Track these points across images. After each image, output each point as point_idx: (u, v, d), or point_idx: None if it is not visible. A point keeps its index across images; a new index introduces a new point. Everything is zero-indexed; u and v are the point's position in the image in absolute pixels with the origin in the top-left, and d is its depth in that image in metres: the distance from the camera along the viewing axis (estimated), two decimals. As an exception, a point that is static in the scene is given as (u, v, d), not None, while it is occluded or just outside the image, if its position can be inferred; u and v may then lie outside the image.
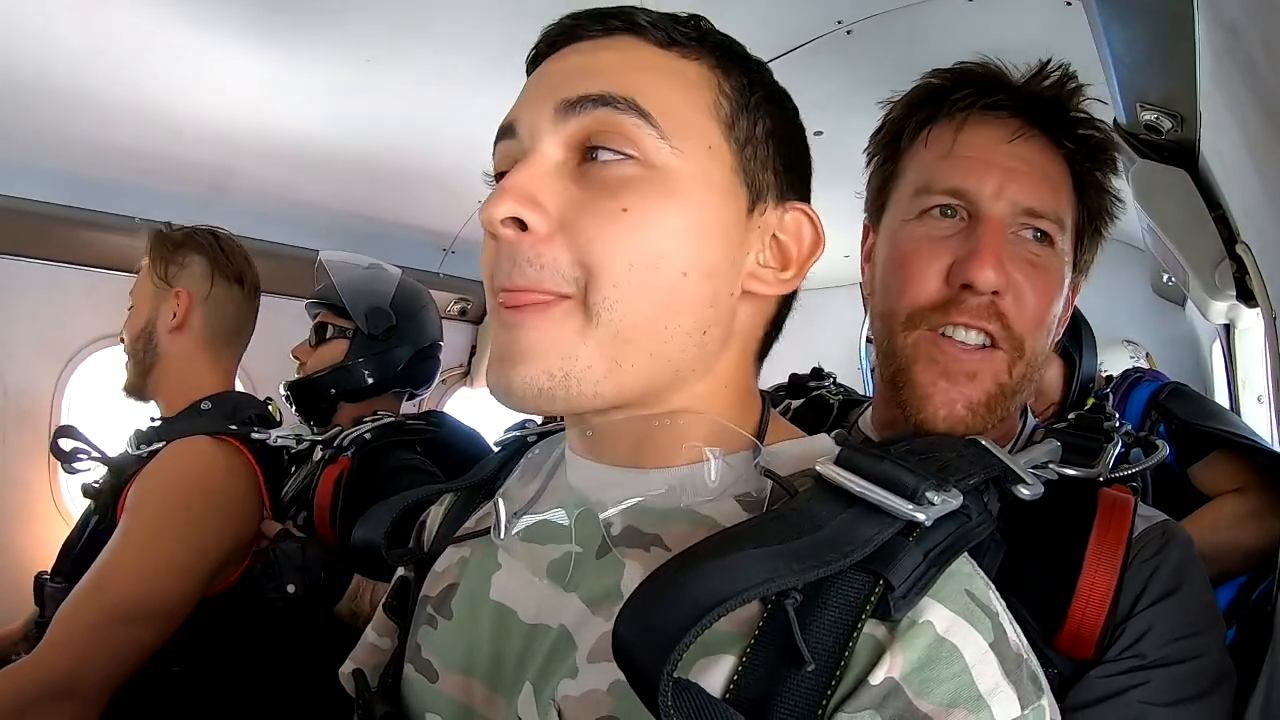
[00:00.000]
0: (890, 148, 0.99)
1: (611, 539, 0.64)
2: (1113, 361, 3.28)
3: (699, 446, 0.63)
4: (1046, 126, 0.89)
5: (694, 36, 0.64)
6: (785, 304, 0.71)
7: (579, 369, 0.58)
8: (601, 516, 0.65)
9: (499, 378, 0.60)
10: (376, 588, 1.54)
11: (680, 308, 0.60)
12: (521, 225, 0.58)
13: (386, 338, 2.03)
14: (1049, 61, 0.91)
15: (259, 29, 1.66)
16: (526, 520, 0.69)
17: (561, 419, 0.81)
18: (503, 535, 0.68)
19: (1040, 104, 0.89)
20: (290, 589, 1.50)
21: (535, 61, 0.67)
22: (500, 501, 0.70)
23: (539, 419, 0.94)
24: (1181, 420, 1.74)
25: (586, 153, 0.60)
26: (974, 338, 0.87)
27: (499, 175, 0.65)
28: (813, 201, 0.70)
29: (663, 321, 0.59)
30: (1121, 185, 0.97)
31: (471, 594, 0.73)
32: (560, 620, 0.63)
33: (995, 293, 0.85)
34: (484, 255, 0.63)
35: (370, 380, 2.02)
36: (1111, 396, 1.97)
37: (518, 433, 0.90)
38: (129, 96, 1.88)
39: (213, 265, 1.73)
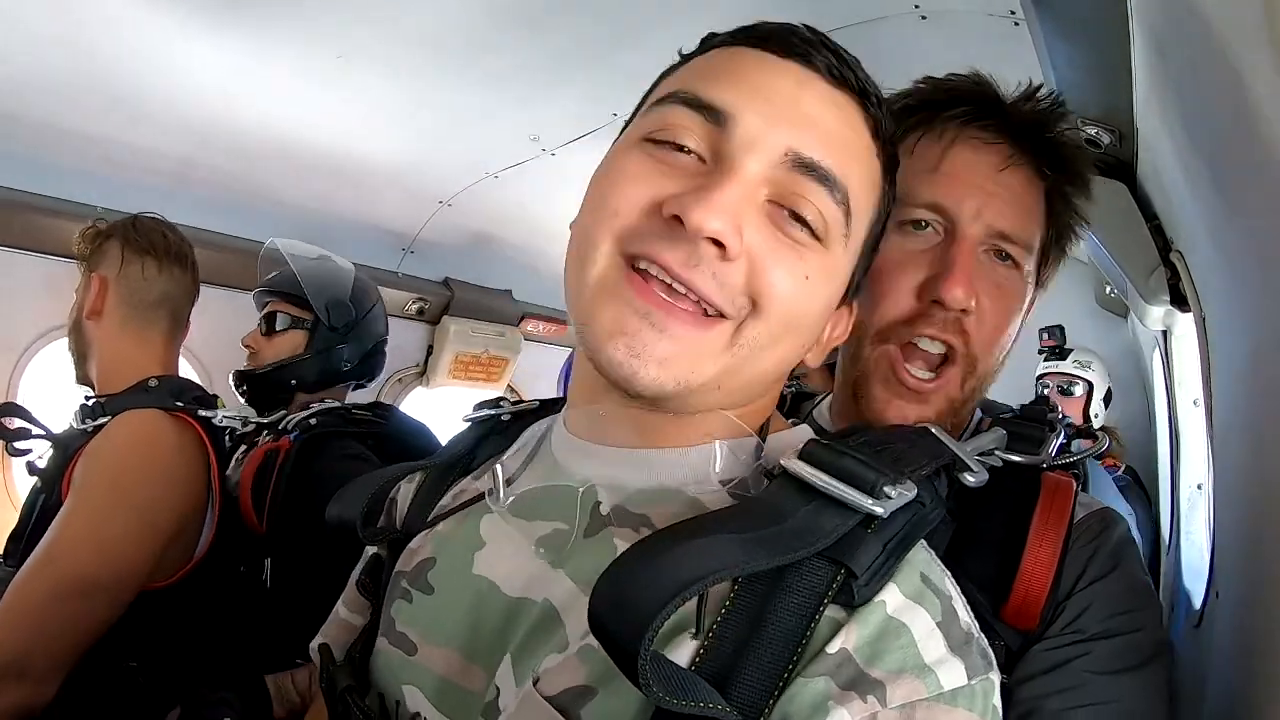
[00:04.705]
0: None
1: (602, 518, 0.67)
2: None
3: (708, 436, 0.68)
4: (1033, 153, 0.92)
5: (892, 136, 0.71)
6: None
7: (698, 380, 0.63)
8: (609, 505, 0.67)
9: (624, 365, 0.61)
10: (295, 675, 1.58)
11: (787, 365, 0.68)
12: (716, 243, 0.60)
13: (346, 331, 2.04)
14: (1039, 87, 0.93)
15: (231, 18, 1.65)
16: (522, 488, 0.72)
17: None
18: (500, 501, 0.72)
19: (1026, 129, 0.91)
20: None
21: (741, 41, 0.68)
22: (499, 469, 0.73)
23: (512, 398, 0.95)
24: None
25: (780, 199, 0.63)
26: (936, 347, 0.90)
27: (648, 128, 0.66)
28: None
29: (775, 372, 0.69)
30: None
31: (452, 568, 0.74)
32: (546, 595, 0.65)
33: (963, 310, 0.89)
34: (627, 200, 0.63)
35: (331, 372, 2.03)
36: None
37: (491, 411, 0.90)
38: (95, 81, 1.85)
39: (124, 244, 1.69)
